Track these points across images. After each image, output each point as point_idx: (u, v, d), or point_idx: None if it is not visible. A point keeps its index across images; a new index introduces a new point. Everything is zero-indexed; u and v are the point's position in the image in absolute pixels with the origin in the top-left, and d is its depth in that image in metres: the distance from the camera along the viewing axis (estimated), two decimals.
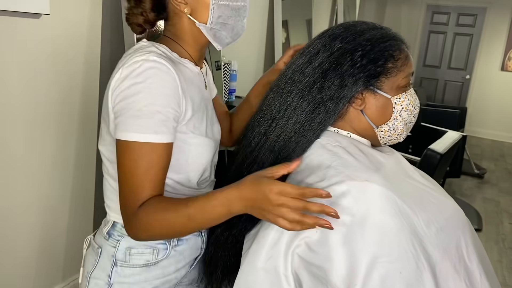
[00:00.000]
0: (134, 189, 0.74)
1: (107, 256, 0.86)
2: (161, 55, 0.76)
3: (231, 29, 0.85)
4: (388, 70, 0.75)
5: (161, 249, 0.86)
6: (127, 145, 0.74)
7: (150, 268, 0.86)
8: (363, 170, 0.70)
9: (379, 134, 0.80)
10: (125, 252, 0.85)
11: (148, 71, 0.73)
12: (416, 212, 0.68)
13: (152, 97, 0.73)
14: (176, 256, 0.89)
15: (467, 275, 0.69)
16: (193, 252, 0.93)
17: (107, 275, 0.85)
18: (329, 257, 0.63)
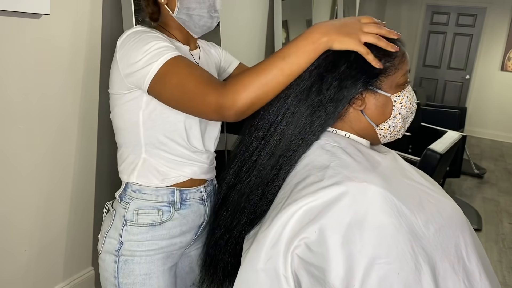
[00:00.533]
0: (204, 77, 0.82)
1: (119, 217, 0.98)
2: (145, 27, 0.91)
3: (198, 21, 0.98)
4: (386, 69, 0.76)
5: (165, 211, 0.98)
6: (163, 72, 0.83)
7: (155, 228, 0.97)
8: (362, 171, 0.71)
9: (379, 132, 0.80)
10: (134, 212, 0.96)
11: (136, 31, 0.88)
12: (415, 212, 0.68)
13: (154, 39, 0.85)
14: (180, 219, 1.00)
15: (466, 275, 0.69)
16: (196, 217, 1.03)
17: (118, 234, 0.97)
18: (328, 257, 0.63)
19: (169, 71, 0.82)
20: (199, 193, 1.04)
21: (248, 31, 2.84)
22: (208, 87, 0.79)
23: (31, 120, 1.48)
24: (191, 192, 1.02)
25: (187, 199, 1.01)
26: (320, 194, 0.67)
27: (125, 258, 0.97)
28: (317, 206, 0.67)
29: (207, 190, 1.06)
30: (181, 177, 0.99)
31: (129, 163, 0.98)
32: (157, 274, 0.99)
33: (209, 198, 1.07)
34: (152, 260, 0.98)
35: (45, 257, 1.66)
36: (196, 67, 0.85)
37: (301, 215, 0.67)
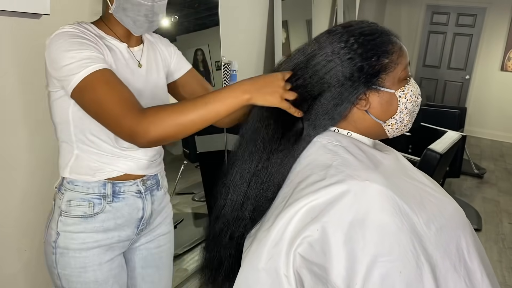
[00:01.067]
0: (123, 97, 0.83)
1: (56, 208, 1.00)
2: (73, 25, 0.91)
3: (133, 22, 0.96)
4: (386, 66, 0.75)
5: (96, 203, 0.99)
6: (83, 85, 0.84)
7: (87, 220, 0.99)
8: (364, 169, 0.70)
9: (386, 128, 0.80)
10: (67, 203, 0.98)
11: (63, 33, 0.88)
12: (416, 211, 0.68)
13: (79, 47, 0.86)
14: (113, 212, 1.01)
15: (467, 275, 0.69)
16: (132, 211, 1.04)
17: (55, 224, 0.99)
18: (330, 256, 0.63)
19: (88, 86, 0.83)
20: (135, 187, 1.04)
21: (248, 31, 2.84)
22: (125, 110, 0.81)
23: (31, 120, 1.48)
24: (125, 185, 1.02)
25: (120, 192, 1.02)
26: (322, 193, 0.67)
27: (61, 251, 0.99)
28: (319, 205, 0.66)
29: (146, 184, 1.06)
30: (114, 172, 1.00)
31: (64, 157, 1.00)
32: (93, 267, 1.01)
33: (149, 192, 1.08)
34: (87, 255, 1.00)
35: None
36: (118, 86, 0.85)
37: (303, 213, 0.67)
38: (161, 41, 1.15)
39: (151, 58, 1.07)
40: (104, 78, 0.85)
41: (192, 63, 2.25)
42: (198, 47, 2.33)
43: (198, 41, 2.33)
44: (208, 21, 2.33)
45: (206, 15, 2.33)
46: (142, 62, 1.03)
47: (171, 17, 2.05)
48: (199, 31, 2.33)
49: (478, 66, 6.16)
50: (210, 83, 2.39)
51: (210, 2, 2.28)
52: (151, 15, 0.96)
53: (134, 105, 0.83)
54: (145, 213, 1.07)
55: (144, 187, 1.06)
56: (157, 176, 1.11)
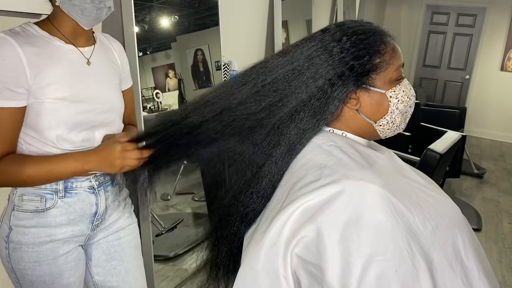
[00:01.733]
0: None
1: (10, 203, 1.02)
2: (13, 32, 0.91)
3: (81, 11, 0.94)
4: (376, 65, 0.75)
5: (48, 198, 1.00)
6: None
7: (40, 214, 1.00)
8: (359, 169, 0.71)
9: (378, 128, 0.80)
10: (19, 198, 1.00)
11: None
12: (412, 210, 0.68)
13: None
14: (65, 207, 1.02)
15: (464, 273, 0.69)
16: (85, 206, 1.05)
17: (8, 219, 1.01)
18: (325, 255, 0.63)
19: None
20: (88, 182, 1.05)
21: (248, 31, 2.84)
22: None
23: None
24: (77, 181, 1.03)
25: (73, 188, 1.02)
26: (317, 193, 0.67)
27: (13, 246, 1.00)
28: (315, 205, 0.67)
29: (98, 179, 1.07)
30: None
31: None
32: (47, 261, 1.02)
33: (102, 187, 1.08)
34: (41, 249, 1.01)
35: None
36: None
37: (299, 214, 0.67)
38: (116, 46, 1.15)
39: (103, 58, 1.07)
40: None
41: (192, 63, 2.25)
42: (198, 47, 2.33)
43: (198, 41, 2.33)
44: (208, 21, 2.33)
45: (206, 15, 2.34)
46: (91, 60, 1.03)
47: (171, 17, 2.05)
48: (199, 31, 2.33)
49: (478, 66, 6.16)
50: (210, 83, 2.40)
51: (210, 2, 2.28)
52: (98, 1, 0.94)
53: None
54: (99, 208, 1.08)
55: (97, 183, 1.07)
56: None
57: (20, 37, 0.91)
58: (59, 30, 0.98)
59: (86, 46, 1.03)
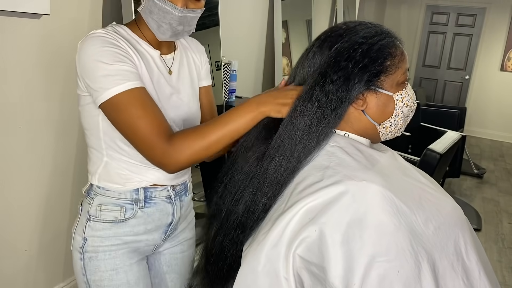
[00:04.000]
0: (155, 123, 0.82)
1: (84, 213, 0.98)
2: (107, 30, 0.88)
3: (157, 26, 0.91)
4: (387, 68, 0.76)
5: (128, 209, 0.97)
6: (114, 102, 0.81)
7: (118, 224, 0.96)
8: (361, 169, 0.71)
9: (380, 131, 0.80)
10: (97, 208, 0.96)
11: (96, 38, 0.84)
12: (414, 210, 0.68)
13: (113, 58, 0.83)
14: (144, 217, 0.99)
15: (465, 273, 0.69)
16: (162, 216, 1.02)
17: (82, 230, 0.96)
18: (328, 256, 0.63)
19: (120, 105, 0.82)
20: (165, 192, 1.02)
21: (248, 31, 2.85)
22: (154, 140, 0.82)
23: (31, 120, 1.49)
24: (156, 190, 1.00)
25: (152, 197, 0.99)
26: (319, 194, 0.67)
27: (89, 255, 0.96)
28: (317, 206, 0.67)
29: (175, 189, 1.04)
30: (143, 182, 0.97)
31: (93, 164, 0.97)
32: (124, 268, 0.98)
33: (178, 197, 1.05)
34: (117, 255, 0.97)
35: (45, 257, 1.66)
36: (150, 109, 0.84)
37: (301, 215, 0.67)
38: (197, 48, 1.13)
39: (184, 65, 1.05)
40: (136, 98, 0.83)
41: None
42: None
43: (198, 41, 2.33)
44: (208, 21, 2.33)
45: (206, 15, 2.33)
46: (173, 69, 1.00)
47: None
48: (199, 31, 2.33)
49: (478, 66, 6.16)
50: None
51: (210, 2, 2.28)
52: (176, 24, 0.91)
53: (165, 132, 0.83)
54: (174, 218, 1.05)
55: (174, 193, 1.04)
56: (186, 182, 1.10)
57: (116, 34, 0.88)
58: (144, 35, 0.95)
59: (168, 54, 1.00)
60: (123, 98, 0.82)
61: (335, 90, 0.75)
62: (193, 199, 2.86)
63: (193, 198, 2.82)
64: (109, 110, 0.84)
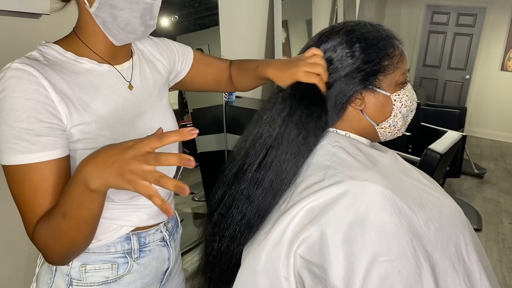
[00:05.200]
0: (25, 216, 0.69)
1: (61, 275, 0.78)
2: (31, 59, 0.68)
3: (125, 24, 0.71)
4: (385, 68, 0.75)
5: (120, 264, 0.79)
6: (7, 170, 0.66)
7: (110, 285, 0.78)
8: (363, 169, 0.71)
9: (379, 131, 0.80)
10: (80, 269, 0.77)
11: (7, 82, 0.64)
12: (415, 211, 0.68)
13: (16, 113, 0.63)
14: (140, 271, 0.81)
15: (466, 274, 0.69)
16: (159, 264, 0.85)
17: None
18: (329, 256, 0.63)
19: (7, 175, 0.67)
20: (159, 233, 0.85)
21: (248, 31, 2.84)
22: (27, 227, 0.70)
23: None
24: (149, 234, 0.83)
25: (146, 244, 0.82)
26: (321, 194, 0.67)
27: None
28: (318, 206, 0.67)
29: (168, 227, 0.88)
30: (123, 228, 0.79)
31: None
32: None
33: (172, 237, 0.90)
34: None
35: None
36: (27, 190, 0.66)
37: (302, 215, 0.67)
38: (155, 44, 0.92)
39: (146, 72, 0.84)
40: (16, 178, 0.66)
41: None
42: (198, 47, 2.33)
43: (198, 41, 2.33)
44: (208, 21, 2.33)
45: (206, 15, 2.33)
46: (133, 81, 0.79)
47: (171, 17, 2.05)
48: (199, 31, 2.33)
49: (478, 66, 6.16)
50: None
51: (210, 2, 2.28)
52: (149, 17, 0.73)
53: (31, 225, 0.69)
54: (171, 263, 0.89)
55: (167, 233, 0.88)
56: (175, 215, 0.95)
57: (42, 65, 0.68)
58: (90, 46, 0.74)
59: (124, 62, 0.79)
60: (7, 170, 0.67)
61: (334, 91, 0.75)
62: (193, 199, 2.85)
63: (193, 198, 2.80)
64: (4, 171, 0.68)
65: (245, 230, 0.74)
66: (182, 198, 2.47)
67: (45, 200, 0.66)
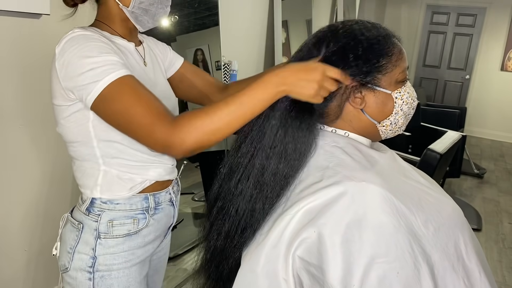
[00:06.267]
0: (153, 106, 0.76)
1: (90, 231, 0.89)
2: (86, 29, 0.83)
3: (153, 16, 0.91)
4: (383, 66, 0.75)
5: (140, 219, 0.93)
6: (107, 94, 0.76)
7: (131, 237, 0.92)
8: (361, 170, 0.70)
9: (380, 129, 0.80)
10: (107, 224, 0.89)
11: (77, 37, 0.79)
12: (414, 211, 0.68)
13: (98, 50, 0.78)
14: (154, 225, 0.96)
15: (465, 274, 0.69)
16: (168, 220, 1.01)
17: (91, 248, 0.89)
18: (327, 257, 0.63)
19: (113, 94, 0.76)
20: (168, 195, 1.00)
21: (248, 31, 2.84)
22: (156, 121, 0.74)
23: (31, 119, 1.49)
24: (161, 195, 0.97)
25: (159, 203, 0.97)
26: (319, 195, 0.67)
27: (101, 274, 0.89)
28: (316, 206, 0.66)
29: (174, 190, 1.03)
30: (147, 182, 0.92)
31: (89, 177, 0.89)
32: (135, 285, 0.94)
33: (176, 198, 1.04)
34: (130, 272, 0.93)
35: (45, 257, 1.66)
36: (144, 92, 0.78)
37: (301, 216, 0.67)
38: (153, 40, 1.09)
39: (153, 57, 1.02)
40: (129, 85, 0.77)
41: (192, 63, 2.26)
42: (198, 47, 2.33)
43: (198, 41, 2.33)
44: (208, 21, 2.33)
45: (206, 15, 2.34)
46: (146, 60, 0.97)
47: (171, 17, 2.05)
48: (199, 31, 2.34)
49: (478, 66, 6.16)
50: None
51: (210, 2, 2.28)
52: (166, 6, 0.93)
53: (165, 114, 0.76)
54: (174, 220, 1.04)
55: (174, 194, 1.02)
56: (178, 179, 1.08)
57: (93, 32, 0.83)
58: (116, 31, 0.91)
59: (139, 46, 0.97)
60: (115, 86, 0.76)
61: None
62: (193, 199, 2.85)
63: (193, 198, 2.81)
64: (101, 105, 0.77)
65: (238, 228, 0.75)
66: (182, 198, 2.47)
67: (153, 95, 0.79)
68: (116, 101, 0.76)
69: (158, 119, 0.75)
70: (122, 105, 0.76)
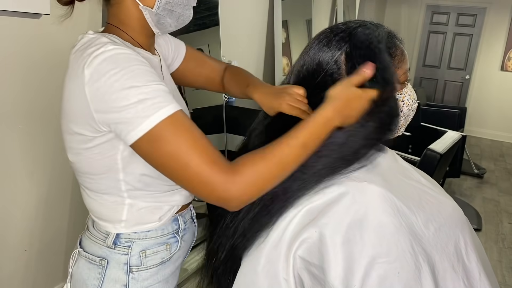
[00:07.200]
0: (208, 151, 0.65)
1: (118, 266, 0.79)
2: (116, 42, 0.68)
3: (177, 17, 0.78)
4: None
5: (172, 243, 0.85)
6: (157, 133, 0.63)
7: (165, 265, 0.84)
8: (362, 170, 0.71)
9: None
10: (139, 255, 0.80)
11: (114, 56, 0.64)
12: (415, 212, 0.68)
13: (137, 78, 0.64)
14: (184, 247, 0.90)
15: (465, 275, 0.69)
16: (192, 238, 0.95)
17: (122, 285, 0.80)
18: (328, 257, 0.63)
19: (165, 135, 0.63)
20: (190, 212, 0.93)
21: (248, 31, 2.84)
22: (213, 169, 0.63)
23: (31, 119, 1.48)
24: (186, 214, 0.90)
25: (185, 222, 0.90)
26: (320, 195, 0.67)
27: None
28: (318, 207, 0.67)
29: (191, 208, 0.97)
30: (174, 208, 0.84)
31: (110, 212, 0.78)
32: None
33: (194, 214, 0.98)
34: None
35: (45, 257, 1.66)
36: (198, 134, 0.66)
37: (302, 216, 0.67)
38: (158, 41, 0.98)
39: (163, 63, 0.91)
40: (183, 125, 0.65)
41: None
42: (198, 47, 2.33)
43: (198, 41, 2.33)
44: (208, 21, 2.33)
45: (206, 15, 2.33)
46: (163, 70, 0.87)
47: None
48: (199, 31, 2.33)
49: (478, 66, 6.16)
50: None
51: (210, 2, 2.28)
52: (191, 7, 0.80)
53: (221, 162, 0.65)
54: (195, 237, 0.97)
55: (193, 211, 0.96)
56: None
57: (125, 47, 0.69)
58: (136, 40, 0.77)
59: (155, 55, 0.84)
60: (166, 126, 0.63)
61: None
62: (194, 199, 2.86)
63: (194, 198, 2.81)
64: (147, 145, 0.64)
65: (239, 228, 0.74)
66: None
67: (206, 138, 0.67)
68: (168, 143, 0.63)
69: (214, 166, 0.64)
70: (175, 148, 0.63)
